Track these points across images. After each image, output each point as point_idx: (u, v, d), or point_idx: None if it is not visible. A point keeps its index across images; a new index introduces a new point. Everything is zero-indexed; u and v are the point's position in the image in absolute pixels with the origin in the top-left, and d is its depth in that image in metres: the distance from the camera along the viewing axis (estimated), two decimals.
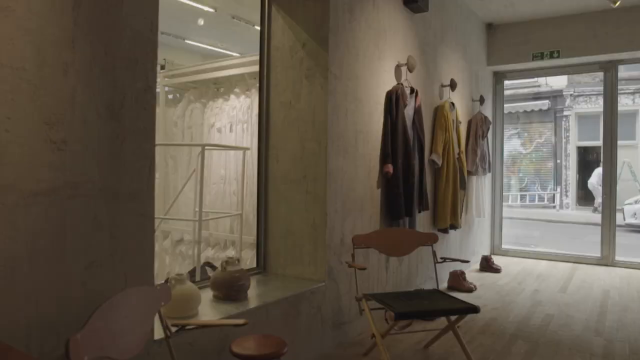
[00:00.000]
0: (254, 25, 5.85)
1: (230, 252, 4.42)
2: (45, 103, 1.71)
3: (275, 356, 2.17)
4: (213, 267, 3.71)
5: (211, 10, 5.58)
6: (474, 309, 2.88)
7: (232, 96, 4.41)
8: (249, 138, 4.25)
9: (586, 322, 3.98)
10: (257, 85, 4.21)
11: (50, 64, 1.72)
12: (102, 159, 1.89)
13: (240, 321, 1.98)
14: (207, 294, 2.84)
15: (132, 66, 1.99)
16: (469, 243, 6.10)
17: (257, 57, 4.25)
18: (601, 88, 6.67)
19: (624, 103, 13.88)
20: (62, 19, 1.75)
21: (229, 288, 2.75)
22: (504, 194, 7.39)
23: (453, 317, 3.08)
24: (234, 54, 7.08)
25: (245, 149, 4.01)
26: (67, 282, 1.79)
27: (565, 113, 15.21)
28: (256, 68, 4.23)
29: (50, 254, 1.73)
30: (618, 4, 4.84)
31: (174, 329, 1.90)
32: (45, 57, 1.70)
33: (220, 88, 4.69)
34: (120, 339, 1.50)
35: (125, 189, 1.97)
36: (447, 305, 2.97)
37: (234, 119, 4.35)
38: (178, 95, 5.02)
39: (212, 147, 4.12)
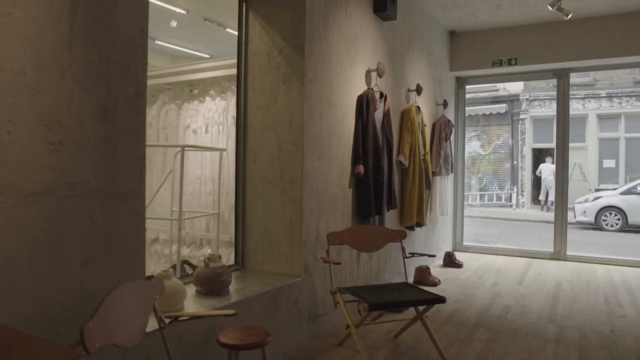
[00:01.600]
0: (225, 28, 5.94)
1: (206, 251, 4.51)
2: (44, 106, 1.79)
3: (260, 345, 2.30)
4: (191, 265, 3.79)
5: (183, 12, 5.63)
6: (441, 299, 3.10)
7: (208, 98, 4.50)
8: (225, 139, 4.35)
9: (540, 311, 4.29)
10: (233, 87, 4.33)
11: (48, 68, 1.80)
12: (97, 160, 1.98)
13: (230, 311, 2.11)
14: (189, 290, 2.94)
15: (124, 71, 2.08)
16: (433, 240, 6.37)
17: (232, 61, 4.36)
18: (554, 93, 7.09)
19: (575, 107, 14.63)
20: (59, 25, 1.83)
21: (212, 283, 2.86)
22: (464, 193, 7.73)
23: (421, 308, 3.28)
24: (205, 55, 7.13)
25: (222, 150, 4.11)
26: (65, 279, 1.87)
27: (521, 116, 15.89)
28: (231, 71, 4.34)
29: (49, 252, 1.81)
30: (570, 16, 5.20)
31: (167, 321, 2.01)
32: (43, 61, 1.78)
33: (194, 90, 4.77)
34: (123, 328, 1.61)
35: (119, 189, 2.07)
36: (416, 296, 3.18)
37: (210, 121, 4.44)
38: (152, 96, 5.06)
39: (192, 148, 4.19)
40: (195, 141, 4.52)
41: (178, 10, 5.55)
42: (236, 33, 4.95)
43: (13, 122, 1.69)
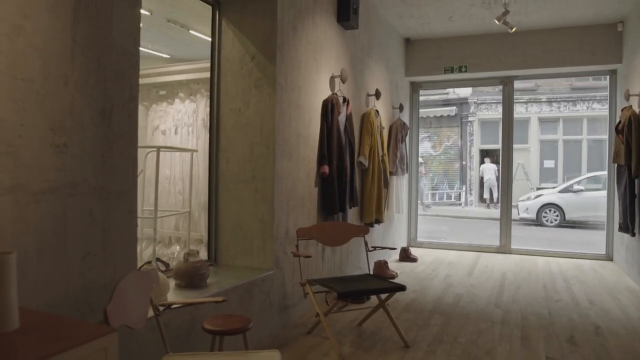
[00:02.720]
0: (189, 30, 6.06)
1: (175, 249, 4.64)
2: (50, 111, 1.94)
3: (242, 330, 2.52)
4: (163, 263, 3.93)
5: (147, 12, 5.71)
6: (402, 287, 3.42)
7: (177, 100, 4.63)
8: (195, 140, 4.51)
9: (488, 298, 4.71)
10: (202, 90, 4.50)
11: (54, 76, 1.96)
12: (96, 161, 2.14)
13: (220, 298, 2.32)
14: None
15: (119, 78, 2.25)
16: (389, 236, 6.73)
17: (201, 64, 4.53)
18: (500, 97, 7.63)
19: (519, 111, 15.51)
20: (63, 36, 1.99)
21: (192, 277, 3.05)
22: (418, 192, 8.16)
23: (383, 297, 3.59)
24: (165, 55, 7.18)
25: (193, 151, 4.26)
26: (68, 271, 2.03)
27: (469, 119, 16.68)
28: (200, 74, 4.51)
29: (54, 247, 1.96)
30: (514, 29, 5.67)
31: (161, 309, 2.20)
32: (49, 70, 1.94)
33: (159, 91, 4.87)
34: (132, 311, 1.80)
35: (115, 188, 2.23)
36: (379, 285, 3.49)
37: (179, 122, 4.58)
38: None
39: (167, 149, 4.32)
40: (165, 142, 4.64)
41: (142, 11, 5.62)
42: (200, 35, 5.10)
43: (24, 126, 1.84)
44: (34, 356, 1.19)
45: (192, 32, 6.05)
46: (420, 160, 15.37)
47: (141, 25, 6.39)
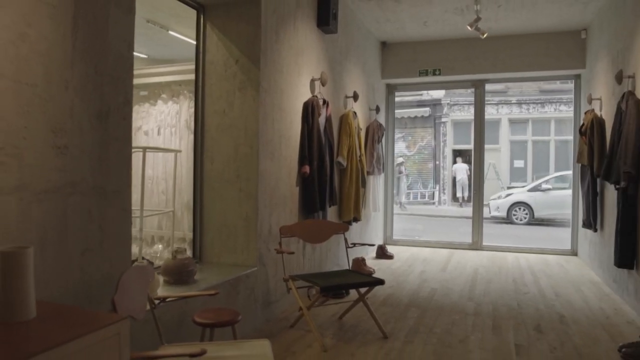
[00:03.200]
0: (168, 30, 6.12)
1: (158, 248, 4.72)
2: (52, 114, 2.04)
3: (232, 323, 2.66)
4: (148, 261, 4.02)
5: None
6: (381, 282, 3.60)
7: (160, 101, 4.71)
8: (178, 141, 4.60)
9: (461, 292, 4.94)
10: (185, 92, 4.60)
11: (55, 81, 2.06)
12: (93, 162, 2.25)
13: (212, 292, 2.45)
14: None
15: (115, 82, 2.36)
16: (367, 234, 6.92)
17: (184, 67, 4.63)
18: (472, 99, 7.91)
19: (490, 112, 15.97)
20: (64, 43, 2.09)
21: (180, 273, 3.16)
22: (394, 191, 8.39)
23: (362, 291, 3.76)
24: (142, 55, 7.22)
25: (177, 152, 4.36)
26: (69, 266, 2.13)
27: (443, 119, 17.07)
28: (183, 76, 4.61)
29: (56, 244, 2.06)
30: (485, 35, 5.92)
31: (156, 302, 2.31)
32: (51, 75, 2.04)
33: (140, 92, 4.94)
34: (134, 303, 1.92)
35: (111, 187, 2.34)
36: (359, 279, 3.67)
37: (163, 123, 4.66)
38: None
39: (152, 149, 4.40)
40: (147, 142, 4.71)
41: None
42: (179, 36, 5.18)
43: (28, 128, 1.94)
44: (58, 340, 1.30)
45: (171, 32, 6.12)
46: (401, 159, 15.67)
47: None
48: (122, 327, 1.46)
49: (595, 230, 5.79)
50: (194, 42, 4.62)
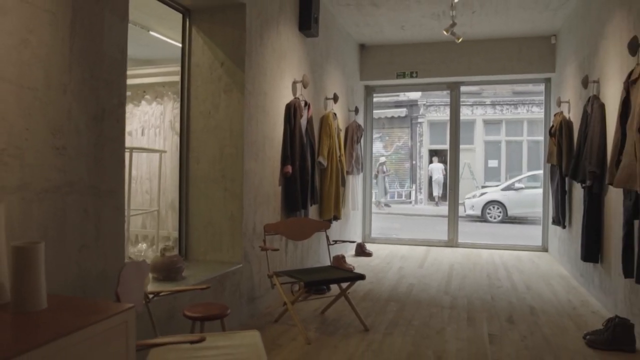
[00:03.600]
0: (149, 31, 6.17)
1: (142, 247, 4.79)
2: (51, 117, 2.13)
3: (221, 316, 2.78)
4: (132, 259, 4.10)
5: None
6: (362, 277, 3.77)
7: (144, 102, 4.78)
8: (162, 141, 4.68)
9: (438, 286, 5.15)
10: (169, 93, 4.68)
11: (54, 85, 2.15)
12: (89, 162, 2.34)
13: (204, 285, 2.57)
14: None
15: (109, 86, 2.45)
16: (346, 232, 7.09)
17: (168, 69, 4.72)
18: (448, 99, 8.15)
19: (465, 113, 16.33)
20: (62, 48, 2.18)
21: (169, 270, 3.26)
22: (372, 191, 8.58)
23: (344, 286, 3.91)
24: None
25: (162, 152, 4.44)
26: (67, 263, 2.22)
27: (419, 120, 17.39)
28: (167, 78, 4.70)
29: (55, 241, 2.15)
30: (461, 39, 6.13)
31: (150, 296, 2.42)
32: (51, 79, 2.13)
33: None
34: (132, 296, 2.03)
35: (105, 187, 2.44)
36: (341, 275, 3.82)
37: (147, 124, 4.74)
38: None
39: (138, 150, 4.47)
40: (131, 143, 4.78)
41: None
42: (160, 36, 5.25)
43: (29, 130, 2.03)
44: (70, 328, 1.41)
45: (152, 33, 6.18)
46: (383, 159, 15.87)
47: None
48: (129, 315, 1.57)
49: (564, 227, 6.07)
50: (175, 43, 4.72)
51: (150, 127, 4.73)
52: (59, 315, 1.54)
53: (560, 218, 6.03)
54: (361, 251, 7.09)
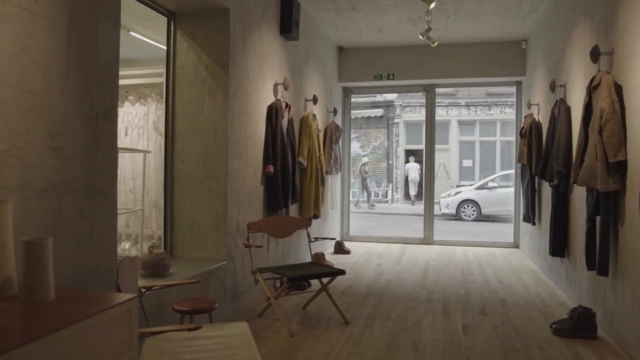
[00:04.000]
0: (129, 31, 6.22)
1: (125, 245, 4.86)
2: (49, 119, 2.23)
3: (209, 310, 2.91)
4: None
5: None
6: (342, 272, 3.94)
7: (127, 103, 4.85)
8: (146, 142, 4.75)
9: (414, 282, 5.36)
10: (153, 94, 4.77)
11: (53, 88, 2.25)
12: (84, 162, 2.44)
13: (194, 280, 2.69)
14: None
15: (103, 89, 2.56)
16: (325, 230, 7.26)
17: (151, 70, 4.79)
18: (424, 100, 8.39)
19: (440, 114, 16.65)
20: (60, 54, 2.28)
21: (157, 267, 3.36)
22: (350, 190, 8.77)
23: (325, 281, 4.07)
24: None
25: (146, 152, 4.52)
26: (64, 259, 2.32)
27: (395, 120, 17.69)
28: (150, 79, 4.77)
29: (53, 237, 2.22)
30: (436, 44, 6.36)
31: (143, 290, 2.53)
32: (49, 83, 2.23)
33: None
34: (129, 288, 2.14)
35: (99, 186, 2.54)
36: (323, 270, 3.99)
37: (130, 124, 4.80)
38: None
39: (123, 150, 4.52)
40: None
41: None
42: (140, 37, 5.31)
43: (30, 132, 2.12)
44: (78, 316, 1.53)
45: (132, 33, 6.23)
46: (365, 159, 16.05)
47: None
48: (132, 304, 1.70)
49: (534, 224, 6.36)
50: (154, 43, 4.80)
51: (133, 127, 4.80)
52: (67, 305, 1.65)
53: (531, 215, 6.31)
54: (340, 249, 7.27)
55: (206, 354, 2.16)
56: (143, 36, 5.42)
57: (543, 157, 5.37)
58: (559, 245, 4.95)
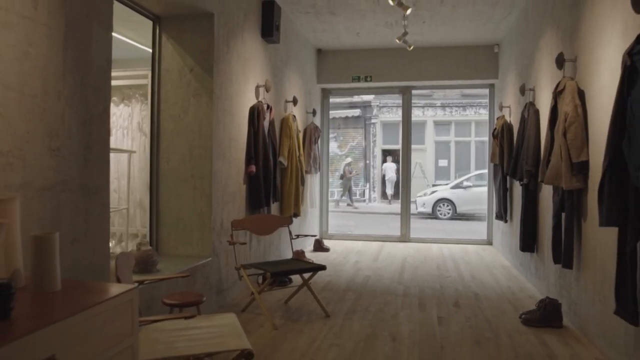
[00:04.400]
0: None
1: (110, 244, 4.93)
2: (48, 121, 2.34)
3: (197, 303, 3.05)
4: None
5: None
6: (323, 267, 4.12)
7: (111, 104, 4.92)
8: (130, 142, 4.84)
9: (392, 277, 5.57)
10: (137, 96, 4.86)
11: (51, 92, 2.36)
12: (80, 163, 2.55)
13: (185, 274, 2.82)
14: None
15: (96, 93, 2.67)
16: (304, 228, 7.41)
17: (135, 72, 4.88)
18: (400, 101, 8.62)
19: (416, 114, 16.97)
20: (57, 59, 2.39)
21: (145, 263, 3.48)
22: (329, 189, 8.95)
23: (306, 277, 4.24)
24: None
25: (131, 152, 4.61)
26: (61, 255, 2.39)
27: (372, 121, 17.96)
28: (135, 81, 4.86)
29: None
30: (412, 47, 6.59)
31: (135, 284, 2.65)
32: (47, 87, 2.34)
33: None
34: (125, 280, 2.27)
35: (93, 185, 2.65)
36: (304, 266, 4.16)
37: (114, 125, 4.88)
38: None
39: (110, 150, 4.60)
40: None
41: None
42: (119, 36, 5.37)
43: (30, 133, 2.23)
44: (86, 304, 1.66)
45: (114, 34, 6.26)
46: (349, 159, 16.20)
47: None
48: (133, 294, 1.83)
49: (506, 221, 6.64)
50: (136, 44, 4.88)
51: (118, 128, 4.88)
52: (74, 295, 1.78)
53: (503, 213, 6.59)
54: (319, 247, 7.44)
55: (199, 342, 2.30)
56: (124, 37, 5.49)
57: (514, 157, 5.63)
58: (528, 241, 5.21)
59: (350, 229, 10.70)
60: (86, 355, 1.59)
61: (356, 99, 17.64)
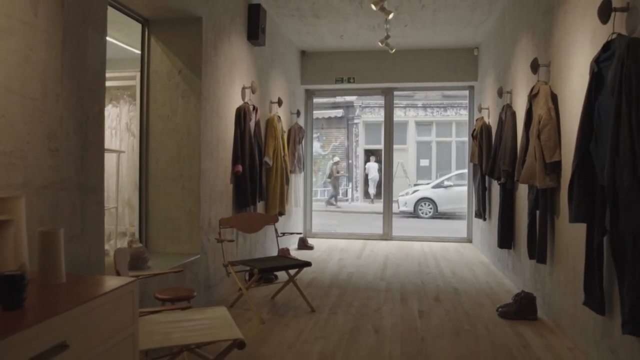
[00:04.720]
0: None
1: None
2: (47, 123, 2.44)
3: (189, 297, 3.15)
4: None
5: None
6: (308, 264, 4.26)
7: None
8: (119, 142, 4.91)
9: (375, 274, 5.74)
10: (125, 96, 4.93)
11: (49, 95, 2.45)
12: (77, 162, 2.65)
13: (178, 269, 2.93)
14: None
15: (92, 95, 2.77)
16: (289, 227, 7.54)
17: (124, 74, 4.94)
18: (383, 101, 8.80)
19: (398, 115, 17.23)
20: (55, 63, 2.49)
21: (136, 260, 3.57)
22: (313, 189, 9.09)
23: (292, 273, 4.37)
24: None
25: (120, 152, 4.68)
26: None
27: (355, 121, 18.15)
28: (123, 82, 4.93)
29: None
30: (394, 50, 6.77)
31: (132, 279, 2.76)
32: (47, 90, 2.43)
33: None
34: (124, 275, 2.38)
35: (89, 184, 2.75)
36: (291, 262, 4.30)
37: None
38: None
39: None
40: None
41: None
42: (111, 40, 5.43)
43: (30, 135, 2.33)
44: (90, 295, 1.78)
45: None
46: (337, 159, 16.32)
47: None
48: (134, 286, 1.95)
49: (485, 220, 6.87)
50: (122, 45, 4.94)
51: (107, 128, 4.92)
52: (77, 287, 1.89)
53: (482, 211, 6.81)
54: (303, 245, 7.58)
55: (194, 332, 2.42)
56: (111, 38, 5.55)
57: (492, 157, 5.84)
58: (506, 238, 5.43)
59: (333, 227, 10.86)
60: (93, 342, 1.71)
61: (339, 99, 17.82)
